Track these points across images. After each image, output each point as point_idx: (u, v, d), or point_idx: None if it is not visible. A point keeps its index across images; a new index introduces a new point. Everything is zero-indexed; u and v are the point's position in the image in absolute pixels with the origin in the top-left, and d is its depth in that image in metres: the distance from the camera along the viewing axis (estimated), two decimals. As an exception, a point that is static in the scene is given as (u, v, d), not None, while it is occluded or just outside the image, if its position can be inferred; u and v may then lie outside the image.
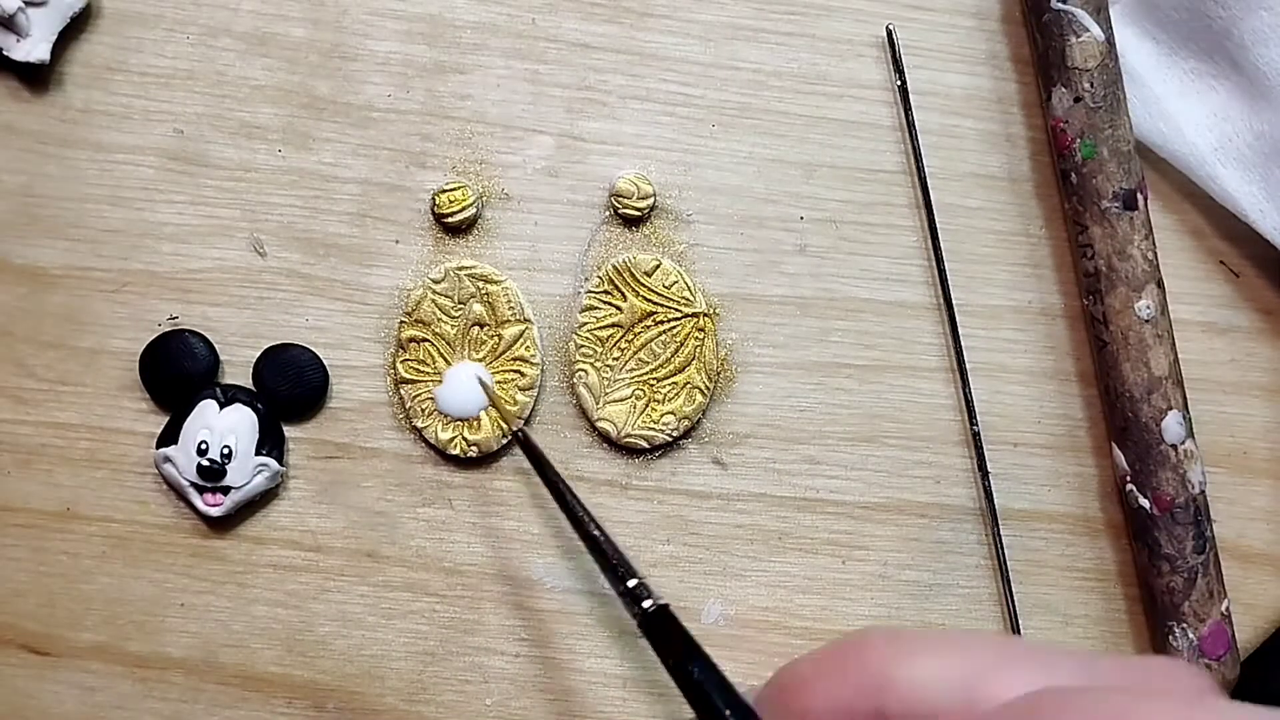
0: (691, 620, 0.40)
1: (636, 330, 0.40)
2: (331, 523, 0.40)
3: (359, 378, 0.40)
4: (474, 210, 0.40)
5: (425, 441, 0.40)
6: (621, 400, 0.40)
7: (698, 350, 0.40)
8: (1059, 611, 0.40)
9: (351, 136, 0.40)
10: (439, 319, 0.39)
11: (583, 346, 0.40)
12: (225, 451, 0.38)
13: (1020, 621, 0.40)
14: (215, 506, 0.39)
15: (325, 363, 0.39)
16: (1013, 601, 0.40)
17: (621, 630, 0.40)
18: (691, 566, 0.40)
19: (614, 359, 0.40)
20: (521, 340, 0.39)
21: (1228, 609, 0.38)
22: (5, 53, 0.38)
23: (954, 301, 0.40)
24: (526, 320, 0.40)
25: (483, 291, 0.39)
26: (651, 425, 0.40)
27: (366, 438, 0.40)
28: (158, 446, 0.39)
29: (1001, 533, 0.40)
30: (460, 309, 0.39)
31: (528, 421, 0.40)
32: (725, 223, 0.40)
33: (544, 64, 0.40)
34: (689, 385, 0.40)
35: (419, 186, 0.40)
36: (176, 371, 0.39)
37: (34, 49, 0.38)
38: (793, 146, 0.40)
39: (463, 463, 0.40)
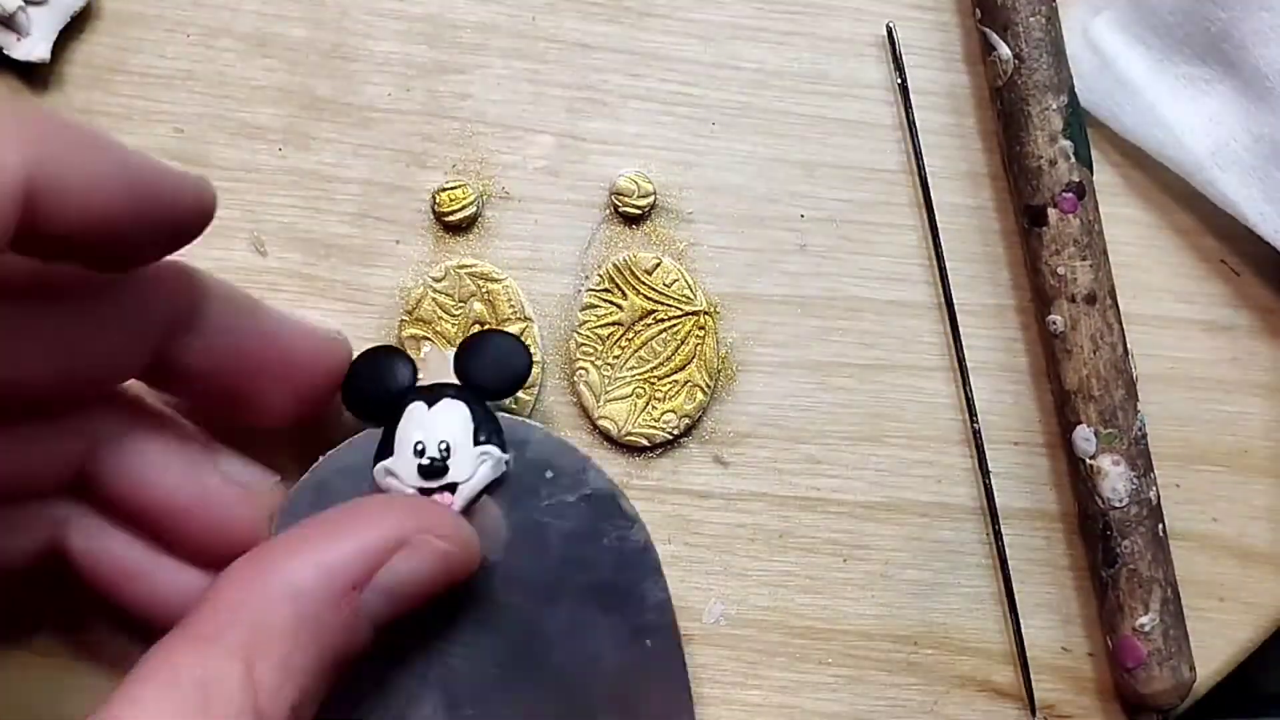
0: (692, 620, 0.40)
1: (637, 328, 0.40)
2: (332, 523, 0.40)
3: (359, 377, 0.40)
4: (474, 209, 0.40)
5: (426, 441, 0.40)
6: (622, 398, 0.40)
7: (698, 348, 0.40)
8: (1060, 611, 0.40)
9: (352, 137, 0.40)
10: (440, 317, 0.39)
11: (583, 345, 0.40)
12: (443, 447, 0.36)
13: (1021, 621, 0.40)
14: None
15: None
16: (1014, 601, 0.40)
17: (622, 630, 0.40)
18: (693, 566, 0.40)
19: (614, 357, 0.40)
20: (522, 338, 0.39)
21: (1147, 628, 0.38)
22: (5, 52, 0.38)
23: (955, 301, 0.40)
24: (527, 318, 0.40)
25: (483, 290, 0.39)
26: (652, 423, 0.39)
27: (367, 437, 0.40)
28: (375, 462, 0.36)
29: (1003, 532, 0.40)
30: (461, 307, 0.39)
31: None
32: (726, 221, 0.40)
33: (544, 64, 0.40)
34: (689, 383, 0.40)
35: (419, 186, 0.40)
36: (381, 389, 0.37)
37: (34, 48, 0.39)
38: (793, 146, 0.40)
39: (463, 462, 0.40)
